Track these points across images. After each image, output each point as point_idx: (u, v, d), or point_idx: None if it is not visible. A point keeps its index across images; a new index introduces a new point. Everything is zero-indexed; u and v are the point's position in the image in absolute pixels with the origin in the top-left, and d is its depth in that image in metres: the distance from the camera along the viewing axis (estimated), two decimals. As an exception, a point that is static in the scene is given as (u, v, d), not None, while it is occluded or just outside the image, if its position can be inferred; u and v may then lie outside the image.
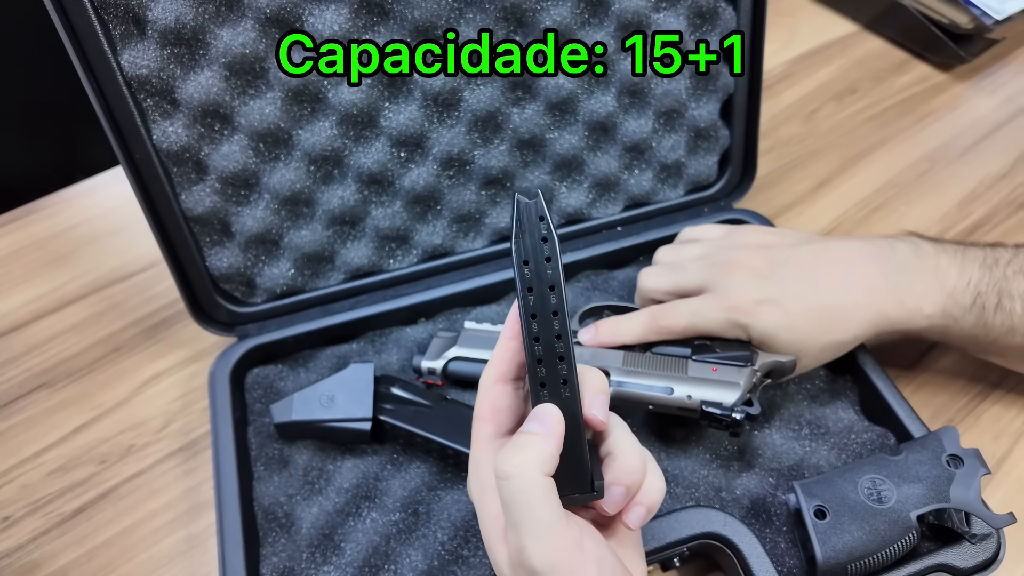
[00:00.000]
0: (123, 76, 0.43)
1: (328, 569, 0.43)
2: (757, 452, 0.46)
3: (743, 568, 0.40)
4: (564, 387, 0.31)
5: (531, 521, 0.28)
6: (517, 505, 0.28)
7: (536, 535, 0.28)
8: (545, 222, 0.30)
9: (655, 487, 0.33)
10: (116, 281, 0.62)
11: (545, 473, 0.29)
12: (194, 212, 0.48)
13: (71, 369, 0.56)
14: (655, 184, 0.57)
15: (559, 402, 0.31)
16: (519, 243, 0.30)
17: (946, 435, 0.41)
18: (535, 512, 0.28)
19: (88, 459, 0.51)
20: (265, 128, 0.47)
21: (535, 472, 0.28)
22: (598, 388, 0.33)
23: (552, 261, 0.30)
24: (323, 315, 0.52)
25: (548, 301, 0.30)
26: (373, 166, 0.49)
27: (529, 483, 0.28)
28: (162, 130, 0.45)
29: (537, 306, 0.30)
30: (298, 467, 0.47)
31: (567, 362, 0.30)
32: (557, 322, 0.30)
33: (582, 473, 0.31)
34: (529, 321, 0.30)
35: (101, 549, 0.47)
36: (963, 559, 0.40)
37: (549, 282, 0.30)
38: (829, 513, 0.39)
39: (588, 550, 0.29)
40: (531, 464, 0.29)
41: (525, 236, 0.30)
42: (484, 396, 0.34)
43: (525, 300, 0.30)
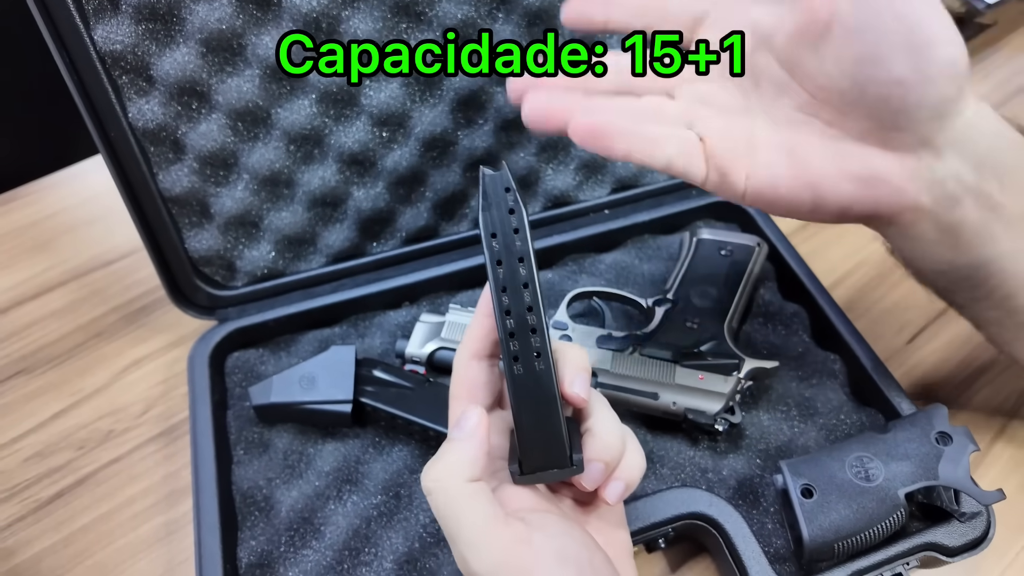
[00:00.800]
0: (97, 52, 0.42)
1: (307, 552, 0.42)
2: (745, 433, 0.46)
3: (729, 549, 0.40)
4: (538, 360, 0.30)
5: (463, 531, 0.27)
6: (445, 518, 0.28)
7: (470, 544, 0.27)
8: (511, 194, 0.30)
9: (634, 463, 0.32)
10: (97, 268, 0.61)
11: (469, 479, 0.28)
12: (172, 192, 0.47)
13: (51, 355, 0.55)
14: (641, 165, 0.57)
15: (532, 376, 0.30)
16: (486, 216, 0.30)
17: (935, 413, 0.41)
18: (464, 521, 0.27)
19: (66, 445, 0.50)
20: (243, 106, 0.46)
21: (457, 480, 0.28)
22: (580, 365, 0.32)
23: (520, 232, 0.30)
24: (305, 298, 0.52)
25: (518, 273, 0.30)
26: (354, 146, 0.49)
27: (452, 493, 0.28)
28: (138, 108, 0.44)
29: (507, 279, 0.30)
30: (278, 451, 0.46)
31: (540, 334, 0.30)
32: (528, 294, 0.30)
33: (558, 448, 0.30)
34: (499, 294, 0.30)
35: (78, 535, 0.46)
36: (952, 538, 0.39)
37: (518, 254, 0.30)
38: (816, 492, 0.39)
39: (539, 544, 0.28)
40: (452, 473, 0.28)
41: (492, 209, 0.30)
42: (459, 374, 0.33)
43: (495, 273, 0.30)
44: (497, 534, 0.27)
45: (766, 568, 0.39)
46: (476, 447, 0.29)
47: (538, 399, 0.30)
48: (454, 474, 0.28)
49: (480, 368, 0.33)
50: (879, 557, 0.38)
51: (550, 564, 0.27)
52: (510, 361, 0.30)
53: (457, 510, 0.28)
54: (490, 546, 0.27)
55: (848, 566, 0.38)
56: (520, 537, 0.28)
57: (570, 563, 0.28)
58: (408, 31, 0.47)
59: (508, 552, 0.27)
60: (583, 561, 0.29)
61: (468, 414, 0.30)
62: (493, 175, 0.30)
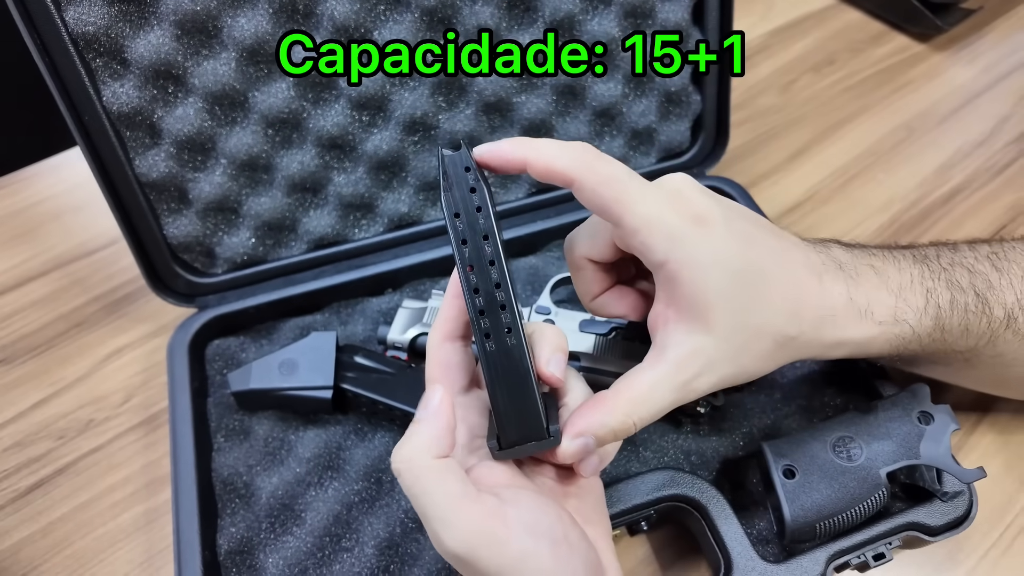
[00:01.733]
0: (69, 34, 0.41)
1: (287, 539, 0.42)
2: (728, 416, 0.46)
3: (711, 530, 0.39)
4: (509, 335, 0.30)
5: (433, 507, 0.27)
6: (416, 497, 0.28)
7: (441, 520, 0.27)
8: (472, 173, 0.30)
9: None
10: (79, 257, 0.60)
11: (436, 455, 0.28)
12: (149, 178, 0.46)
13: (31, 345, 0.55)
14: (626, 151, 0.56)
15: (504, 352, 0.30)
16: (448, 197, 0.30)
17: (917, 392, 0.40)
18: (434, 498, 0.27)
19: (46, 435, 0.50)
20: (220, 90, 0.45)
21: (424, 457, 0.28)
22: (556, 345, 0.32)
23: (483, 211, 0.30)
24: (286, 285, 0.51)
25: (483, 251, 0.30)
26: (333, 129, 0.48)
27: (420, 471, 0.28)
28: (112, 91, 0.44)
29: (473, 257, 0.30)
30: (258, 438, 0.46)
31: (509, 310, 0.30)
32: (495, 271, 0.30)
33: (535, 421, 0.30)
34: (467, 273, 0.30)
35: (57, 525, 0.46)
36: (934, 517, 0.39)
37: (482, 232, 0.30)
38: (798, 472, 0.38)
39: (512, 518, 0.28)
40: (418, 452, 0.28)
41: (453, 189, 0.30)
42: (433, 357, 0.33)
43: (460, 252, 0.30)
44: (467, 509, 0.27)
45: (748, 549, 0.38)
46: (441, 425, 0.29)
47: (512, 374, 0.30)
48: (421, 452, 0.28)
49: (453, 349, 0.33)
50: (861, 537, 0.38)
51: (522, 537, 0.27)
52: (482, 339, 0.30)
53: (426, 487, 0.27)
54: (460, 521, 0.27)
55: (830, 546, 0.38)
56: (492, 511, 0.27)
57: (544, 537, 0.28)
58: (386, 14, 0.47)
59: (480, 525, 0.27)
60: (558, 535, 0.28)
61: (431, 394, 0.30)
62: (452, 155, 0.30)
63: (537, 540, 0.27)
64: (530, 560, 0.27)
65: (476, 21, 0.48)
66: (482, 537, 0.27)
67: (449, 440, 0.29)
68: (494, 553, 0.27)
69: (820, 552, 0.38)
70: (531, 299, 0.52)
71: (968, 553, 0.43)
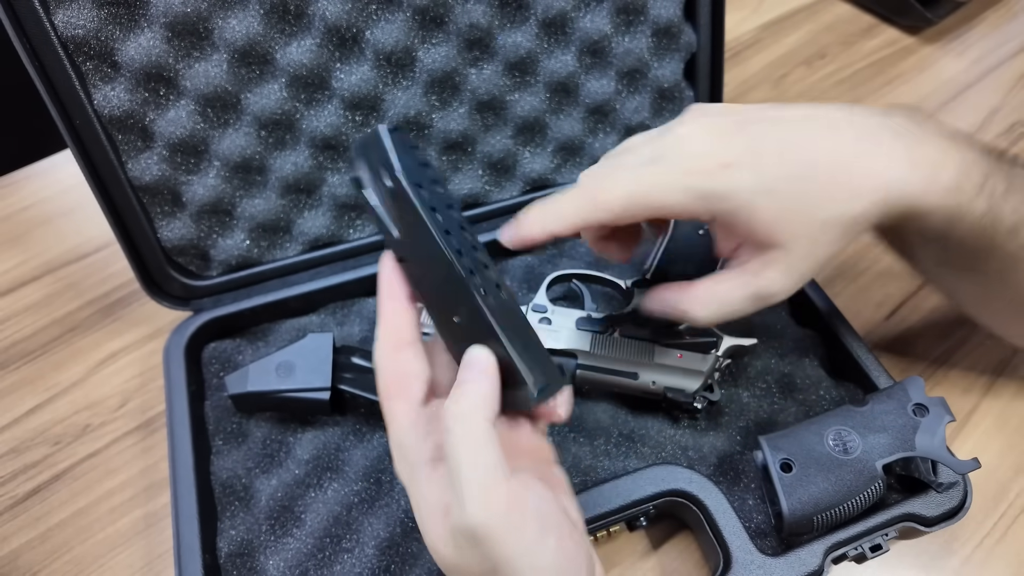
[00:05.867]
0: (58, 37, 0.41)
1: (288, 541, 0.42)
2: (724, 411, 0.46)
3: (710, 525, 0.40)
4: (500, 291, 0.30)
5: (472, 472, 0.26)
6: (458, 456, 0.27)
7: (479, 487, 0.26)
8: (420, 151, 0.31)
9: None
10: (72, 261, 0.60)
11: (487, 418, 0.28)
12: (142, 181, 0.46)
13: (25, 350, 0.54)
14: (620, 147, 0.56)
15: (502, 304, 0.30)
16: (402, 167, 0.29)
17: (911, 385, 0.41)
18: (476, 463, 0.27)
19: (42, 440, 0.50)
20: (212, 92, 0.45)
21: (478, 417, 0.27)
22: None
23: (440, 183, 0.31)
24: (281, 287, 0.51)
25: (454, 217, 0.30)
26: (326, 130, 0.48)
27: (473, 430, 0.27)
28: (103, 95, 0.43)
29: (448, 223, 0.30)
30: (257, 440, 0.46)
31: (492, 269, 0.31)
32: (469, 235, 0.31)
33: (549, 364, 0.30)
34: (446, 236, 0.30)
35: (55, 531, 0.46)
36: (929, 508, 0.39)
37: (446, 201, 0.31)
38: (795, 466, 0.39)
39: (530, 509, 0.27)
40: (474, 410, 0.27)
41: (408, 160, 0.30)
42: (386, 371, 0.30)
43: (433, 219, 0.29)
44: (501, 485, 0.27)
45: (747, 543, 0.39)
46: (489, 384, 0.28)
47: (516, 323, 0.30)
48: (477, 410, 0.27)
49: (406, 358, 0.30)
50: (858, 529, 0.39)
51: (534, 529, 0.27)
52: (481, 295, 0.29)
53: (472, 449, 0.27)
54: (492, 496, 0.26)
55: (828, 538, 0.38)
56: (519, 497, 0.27)
57: (551, 533, 0.28)
58: (377, 14, 0.46)
59: (507, 505, 0.26)
60: (564, 534, 0.28)
61: (476, 353, 0.29)
62: (394, 132, 0.30)
63: (545, 537, 0.27)
64: (537, 552, 0.27)
65: (468, 19, 0.48)
66: (504, 519, 0.26)
67: (497, 403, 0.28)
68: (509, 538, 0.26)
69: (818, 544, 0.38)
70: (527, 298, 0.52)
71: (963, 542, 0.43)
